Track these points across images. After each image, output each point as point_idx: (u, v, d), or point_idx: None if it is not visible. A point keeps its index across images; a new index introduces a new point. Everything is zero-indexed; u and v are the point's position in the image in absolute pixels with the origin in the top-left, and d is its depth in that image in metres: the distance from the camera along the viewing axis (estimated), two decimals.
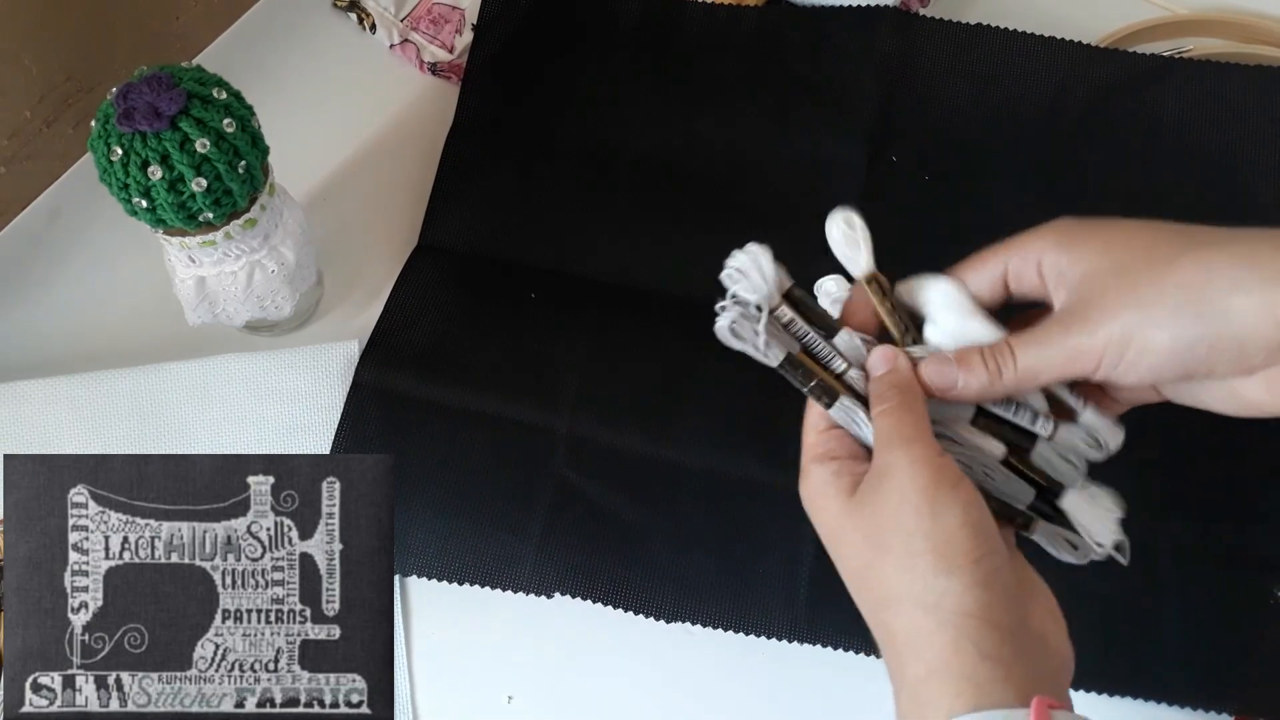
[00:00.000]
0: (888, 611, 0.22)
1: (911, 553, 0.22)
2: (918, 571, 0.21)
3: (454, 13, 0.46)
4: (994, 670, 0.20)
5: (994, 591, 0.21)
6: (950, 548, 0.21)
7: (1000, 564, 0.21)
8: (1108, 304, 0.22)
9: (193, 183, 0.29)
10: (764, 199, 0.42)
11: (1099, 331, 0.22)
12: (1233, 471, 0.36)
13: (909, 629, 0.22)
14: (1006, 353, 0.23)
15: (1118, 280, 0.22)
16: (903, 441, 0.22)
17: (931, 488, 0.22)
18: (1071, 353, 0.22)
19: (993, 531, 0.22)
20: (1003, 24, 0.43)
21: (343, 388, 0.37)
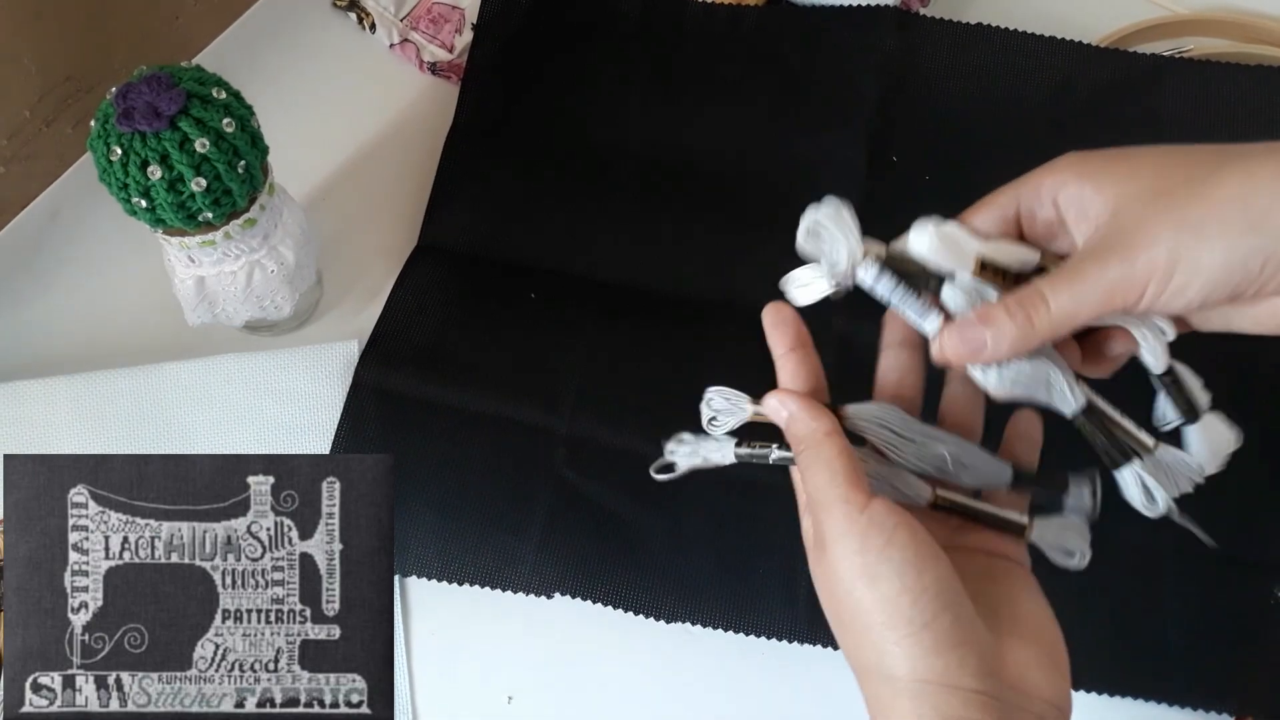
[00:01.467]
0: (861, 683, 0.22)
1: (860, 626, 0.21)
2: (871, 644, 0.21)
3: (454, 12, 0.46)
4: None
5: (948, 655, 0.20)
6: (894, 618, 0.20)
7: (950, 622, 0.20)
8: (1148, 228, 0.20)
9: (192, 183, 0.29)
10: (764, 199, 0.41)
11: (1140, 258, 0.20)
12: (1233, 471, 0.36)
13: (874, 698, 0.21)
14: (1036, 299, 0.21)
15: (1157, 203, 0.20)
16: (822, 505, 0.21)
17: (858, 556, 0.20)
18: (1112, 285, 0.20)
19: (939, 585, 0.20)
20: (1003, 23, 0.43)
21: (342, 388, 0.37)
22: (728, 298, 0.39)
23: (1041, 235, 0.23)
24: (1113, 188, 0.21)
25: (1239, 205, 0.19)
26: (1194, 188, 0.20)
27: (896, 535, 0.21)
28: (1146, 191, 0.20)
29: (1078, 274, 0.21)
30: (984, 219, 0.23)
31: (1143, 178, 0.21)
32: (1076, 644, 0.34)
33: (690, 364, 0.38)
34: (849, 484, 0.21)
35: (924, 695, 0.20)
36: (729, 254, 0.41)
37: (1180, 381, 0.23)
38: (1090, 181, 0.21)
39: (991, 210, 0.23)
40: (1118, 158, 0.21)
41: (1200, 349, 0.39)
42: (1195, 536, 0.35)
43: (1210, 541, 0.23)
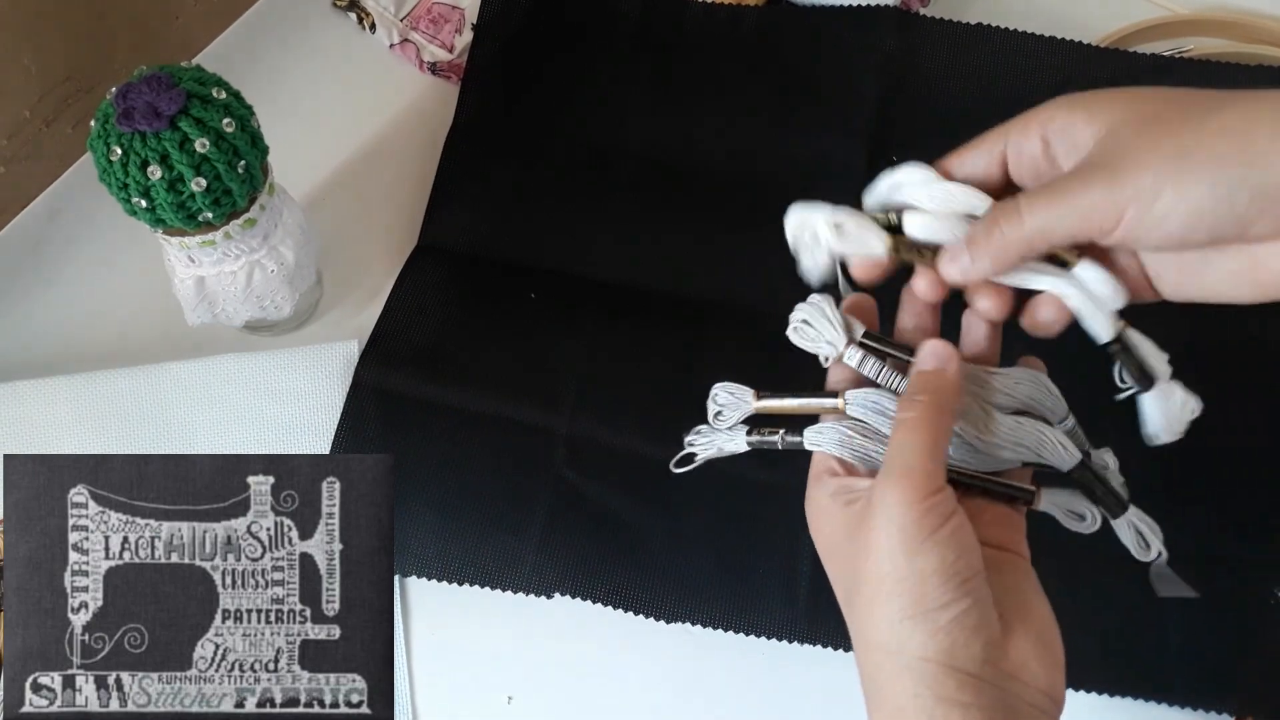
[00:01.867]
0: (859, 651, 0.22)
1: (881, 595, 0.21)
2: (885, 616, 0.21)
3: (454, 12, 0.46)
4: (949, 713, 0.20)
5: (958, 636, 0.20)
6: (920, 593, 0.20)
7: (968, 606, 0.20)
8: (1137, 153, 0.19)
9: (192, 182, 0.29)
10: (764, 199, 0.41)
11: (1125, 181, 0.19)
12: (1233, 471, 0.36)
13: (875, 671, 0.21)
14: (1012, 212, 0.21)
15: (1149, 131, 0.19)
16: (900, 472, 0.21)
17: (913, 528, 0.20)
18: (1091, 205, 0.19)
19: (971, 571, 0.21)
20: (1003, 23, 0.43)
21: (342, 388, 0.37)
22: (728, 297, 0.39)
23: (1028, 173, 0.22)
24: (1105, 115, 0.20)
25: (1235, 137, 0.19)
26: (1189, 117, 0.19)
27: (951, 521, 0.21)
28: (1140, 118, 0.20)
29: (1058, 191, 0.20)
30: (970, 163, 0.23)
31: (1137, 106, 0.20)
32: (1077, 644, 0.34)
33: (690, 364, 0.38)
34: (939, 459, 0.21)
35: (925, 674, 0.20)
36: (729, 254, 0.41)
37: (1130, 349, 0.23)
38: (1081, 111, 0.21)
39: (975, 153, 0.23)
40: (1113, 92, 0.21)
41: (1201, 348, 0.39)
42: (1195, 536, 0.35)
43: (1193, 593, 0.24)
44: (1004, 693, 0.21)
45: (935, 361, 0.22)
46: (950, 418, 0.22)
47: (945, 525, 0.21)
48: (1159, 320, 0.23)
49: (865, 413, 0.23)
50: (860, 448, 0.23)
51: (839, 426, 0.23)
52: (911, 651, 0.20)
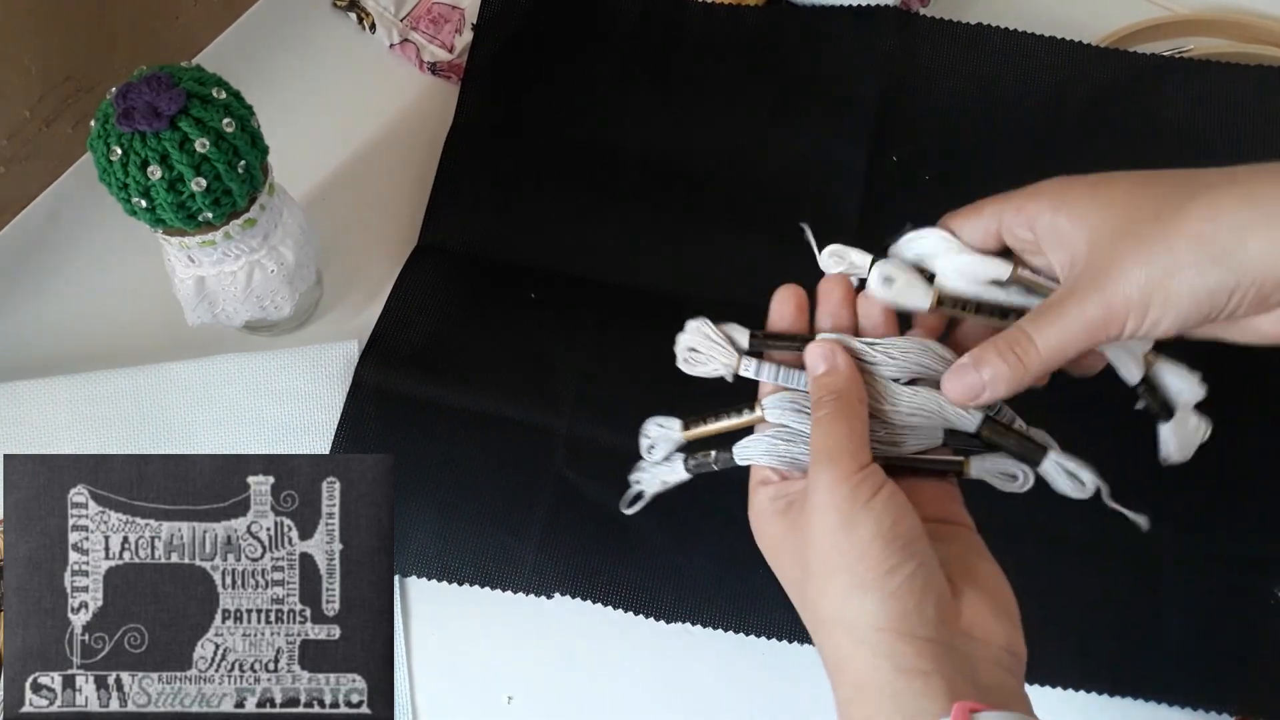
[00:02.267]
0: (818, 634, 0.23)
1: (829, 572, 0.22)
2: (835, 591, 0.22)
3: (454, 12, 0.46)
4: (911, 683, 0.20)
5: (907, 601, 0.21)
6: (862, 563, 0.21)
7: (915, 568, 0.21)
8: (1120, 266, 0.21)
9: (192, 182, 0.29)
10: (764, 198, 0.41)
11: (1116, 296, 0.21)
12: (1233, 471, 0.36)
13: (834, 650, 0.22)
14: (1024, 340, 0.23)
15: (1126, 240, 0.21)
16: (826, 458, 0.22)
17: (846, 504, 0.22)
18: (1092, 323, 0.22)
19: (909, 535, 0.22)
20: (1003, 23, 0.43)
21: (342, 388, 0.37)
22: (727, 297, 0.39)
23: (1021, 250, 0.25)
24: (1085, 221, 0.22)
25: (1203, 242, 0.21)
26: (1162, 224, 0.21)
27: (883, 490, 0.22)
28: (1118, 227, 0.22)
29: (1059, 313, 0.22)
30: (969, 229, 0.25)
31: (1114, 211, 0.22)
32: (1078, 645, 0.34)
33: None
34: (861, 441, 0.23)
35: (880, 645, 0.21)
36: (729, 253, 0.41)
37: (1155, 387, 0.25)
38: (1064, 213, 0.23)
39: (976, 222, 0.25)
40: (1093, 189, 0.23)
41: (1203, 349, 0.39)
42: (1196, 537, 0.35)
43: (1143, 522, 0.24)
44: (962, 654, 0.21)
45: (824, 364, 0.24)
46: (859, 404, 0.23)
47: (877, 495, 0.22)
48: None
49: (784, 414, 0.24)
50: (786, 453, 0.24)
51: (764, 437, 0.24)
52: (865, 623, 0.21)
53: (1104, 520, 0.35)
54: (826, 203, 0.41)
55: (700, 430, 0.26)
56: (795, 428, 0.24)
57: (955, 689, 0.20)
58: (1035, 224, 0.23)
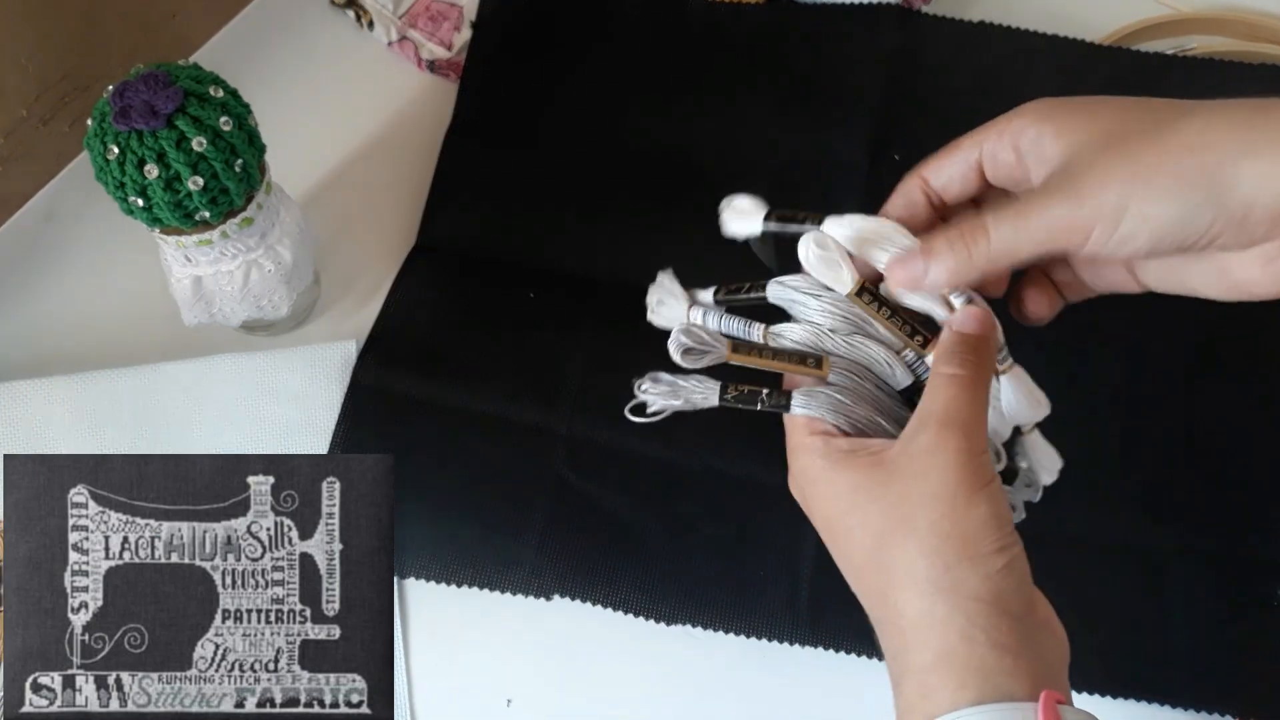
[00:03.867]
0: (900, 591, 0.21)
1: (939, 535, 0.21)
2: (940, 555, 0.21)
3: (452, 9, 0.45)
4: (1001, 660, 0.20)
5: (1010, 580, 0.21)
6: (978, 536, 0.21)
7: (1018, 554, 0.21)
8: (1100, 172, 0.20)
9: (189, 181, 0.29)
10: (765, 197, 0.41)
11: (1089, 201, 0.20)
12: (1234, 472, 0.36)
13: (920, 613, 0.21)
14: (979, 231, 0.21)
15: (1112, 148, 0.20)
16: (961, 424, 0.21)
17: (973, 479, 0.21)
18: (1056, 224, 0.20)
19: (1012, 522, 0.22)
20: (1005, 22, 0.43)
21: (340, 387, 0.37)
22: None
23: (1004, 179, 0.23)
24: (1070, 132, 0.21)
25: (1193, 157, 0.19)
26: (1150, 137, 0.20)
27: (995, 479, 0.22)
28: (1103, 136, 0.20)
29: (1023, 210, 0.21)
30: (948, 168, 0.23)
31: (1101, 123, 0.21)
32: (1078, 646, 0.34)
33: None
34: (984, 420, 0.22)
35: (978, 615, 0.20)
36: (729, 252, 0.40)
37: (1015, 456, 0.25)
38: (1050, 125, 0.21)
39: (954, 159, 0.23)
40: (1080, 104, 0.22)
41: (1205, 349, 0.39)
42: (1197, 538, 0.35)
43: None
44: (1040, 643, 0.21)
45: (980, 328, 0.22)
46: (986, 395, 0.22)
47: (995, 480, 0.22)
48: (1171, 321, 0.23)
49: (850, 380, 0.23)
50: (852, 413, 0.23)
51: (829, 393, 0.23)
52: (966, 592, 0.21)
53: (1104, 520, 0.35)
54: (828, 201, 0.41)
55: (750, 359, 0.24)
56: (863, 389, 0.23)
57: (1038, 677, 0.20)
58: (1019, 141, 0.22)
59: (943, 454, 0.21)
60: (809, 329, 0.24)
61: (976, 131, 0.23)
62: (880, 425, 0.23)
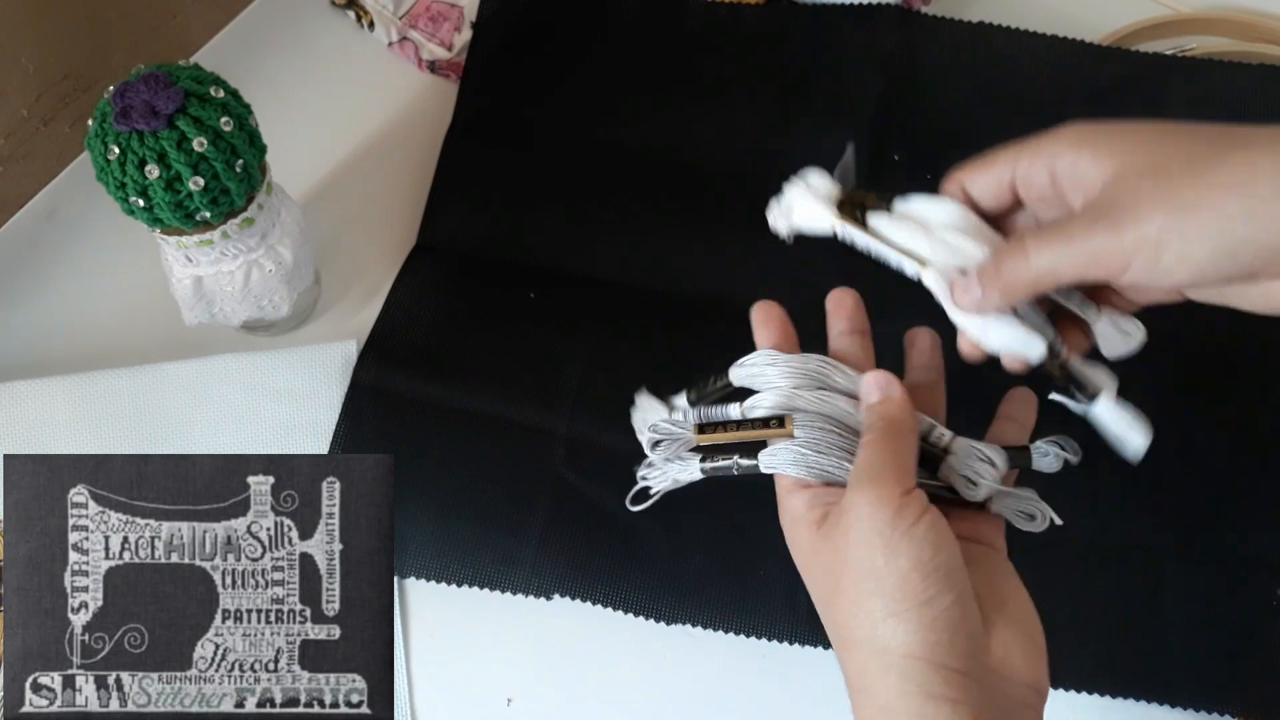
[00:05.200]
0: (844, 651, 0.22)
1: (863, 595, 0.21)
2: (868, 614, 0.21)
3: (452, 10, 0.45)
4: (939, 709, 0.20)
5: (943, 632, 0.21)
6: (900, 590, 0.21)
7: (951, 602, 0.21)
8: (1141, 204, 0.20)
9: (190, 181, 0.29)
10: (765, 197, 0.41)
11: (1129, 233, 0.20)
12: (1235, 472, 0.36)
13: (860, 670, 0.22)
14: (1019, 252, 0.22)
15: (1154, 180, 0.20)
16: (870, 479, 0.22)
17: (888, 529, 0.21)
18: (1095, 252, 0.20)
19: (950, 566, 0.21)
20: (1005, 22, 0.43)
21: (341, 387, 0.37)
22: (728, 297, 0.39)
23: (1036, 200, 0.23)
24: (1111, 158, 0.21)
25: (1237, 193, 0.19)
26: (1193, 168, 0.20)
27: (924, 518, 0.21)
28: (1145, 165, 0.20)
29: (1063, 234, 0.21)
30: (981, 182, 0.24)
31: (1143, 151, 0.21)
32: (1078, 646, 0.34)
33: (690, 364, 0.38)
34: (906, 466, 0.22)
35: (911, 671, 0.21)
36: (729, 253, 0.40)
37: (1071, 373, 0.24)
38: (1088, 150, 0.21)
39: (987, 174, 0.23)
40: (1119, 130, 0.21)
41: (1206, 349, 0.39)
42: (1197, 538, 0.35)
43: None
44: (989, 689, 0.21)
45: (879, 392, 0.24)
46: (910, 432, 0.23)
47: (919, 521, 0.21)
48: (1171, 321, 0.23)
49: (814, 430, 0.24)
50: (816, 464, 0.24)
51: (793, 447, 0.24)
52: (896, 649, 0.21)
53: (1104, 520, 0.35)
54: None
55: (716, 436, 0.25)
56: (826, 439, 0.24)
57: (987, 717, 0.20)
58: (1055, 166, 0.22)
59: (860, 510, 0.22)
60: (778, 393, 0.25)
61: (1011, 149, 0.23)
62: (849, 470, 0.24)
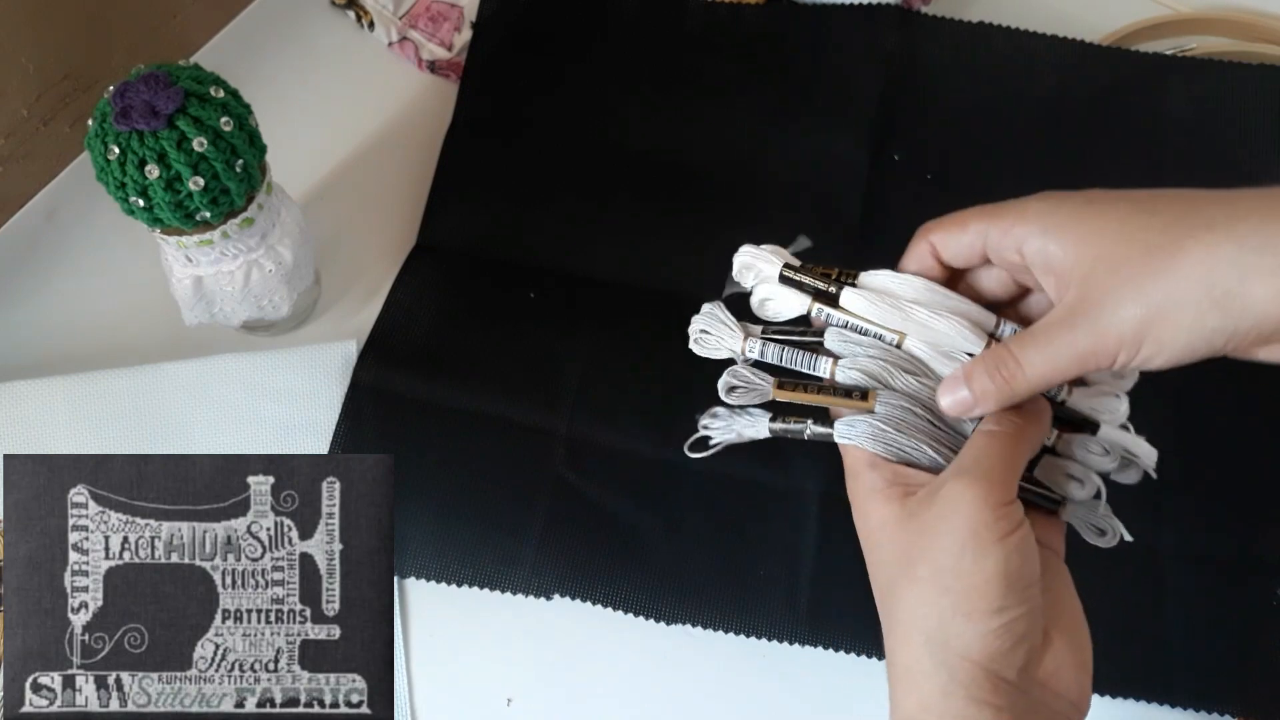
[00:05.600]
0: (895, 638, 0.22)
1: (940, 589, 0.21)
2: (938, 608, 0.21)
3: (452, 10, 0.45)
4: (980, 713, 0.20)
5: (1005, 642, 0.21)
6: (978, 593, 0.21)
7: (1022, 614, 0.21)
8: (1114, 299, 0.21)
9: (190, 181, 0.29)
10: (765, 197, 0.41)
11: (1109, 329, 0.21)
12: (1234, 472, 0.36)
13: (909, 661, 0.21)
14: (1010, 361, 0.22)
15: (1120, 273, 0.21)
16: (982, 475, 0.21)
17: (985, 530, 0.21)
18: (1082, 353, 0.21)
19: (1030, 579, 0.21)
20: (1005, 22, 0.43)
21: (341, 387, 0.37)
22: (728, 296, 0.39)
23: (1008, 269, 0.24)
24: (1076, 248, 0.22)
25: (1201, 286, 0.20)
26: (1156, 260, 0.21)
27: (1020, 529, 0.21)
28: (1110, 258, 0.21)
29: (1049, 340, 0.22)
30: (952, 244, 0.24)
31: (1107, 240, 0.21)
32: None
33: (689, 363, 0.38)
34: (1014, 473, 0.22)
35: (961, 672, 0.21)
36: (729, 253, 0.40)
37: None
38: (1054, 238, 0.22)
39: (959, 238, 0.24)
40: (1082, 213, 0.22)
41: None
42: (1197, 537, 0.35)
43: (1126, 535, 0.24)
44: (1033, 701, 0.21)
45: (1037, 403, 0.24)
46: (1037, 442, 0.23)
47: (1015, 533, 0.21)
48: None
49: (894, 413, 0.24)
50: (894, 442, 0.23)
51: (872, 421, 0.24)
52: (955, 648, 0.21)
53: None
54: (828, 201, 0.41)
55: (795, 395, 0.24)
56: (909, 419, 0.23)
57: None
58: (1023, 248, 0.22)
59: (960, 503, 0.21)
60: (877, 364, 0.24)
61: (981, 218, 0.23)
62: (929, 455, 0.23)
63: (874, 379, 0.24)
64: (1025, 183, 0.44)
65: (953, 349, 0.24)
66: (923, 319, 0.24)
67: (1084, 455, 0.24)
